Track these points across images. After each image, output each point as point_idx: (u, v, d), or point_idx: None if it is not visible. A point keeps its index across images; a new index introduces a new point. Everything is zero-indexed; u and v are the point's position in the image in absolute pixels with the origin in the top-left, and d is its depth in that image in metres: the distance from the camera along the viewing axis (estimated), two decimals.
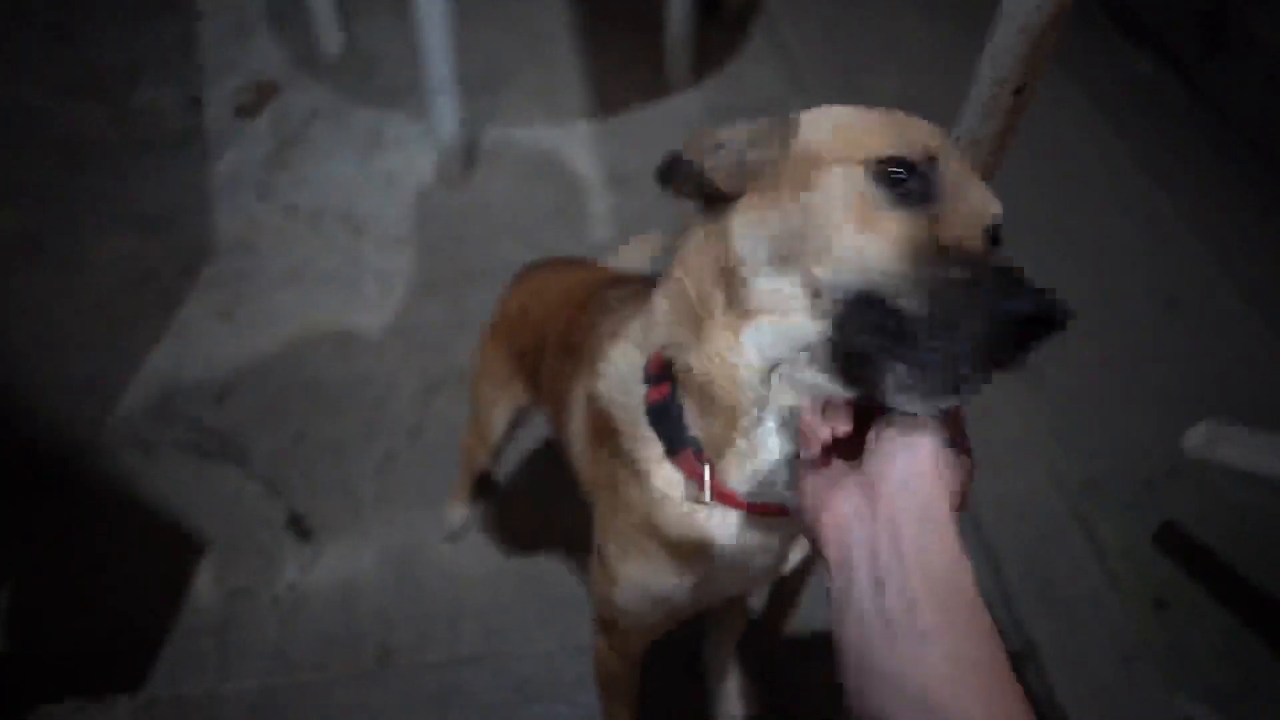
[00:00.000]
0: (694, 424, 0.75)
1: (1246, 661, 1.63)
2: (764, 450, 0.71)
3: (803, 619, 1.64)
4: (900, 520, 0.56)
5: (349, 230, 2.34)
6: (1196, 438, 1.55)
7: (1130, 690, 1.56)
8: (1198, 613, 1.69)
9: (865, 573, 0.56)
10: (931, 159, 0.62)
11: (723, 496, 0.76)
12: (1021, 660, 1.60)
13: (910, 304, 0.56)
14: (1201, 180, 2.60)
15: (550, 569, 1.70)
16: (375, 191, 2.45)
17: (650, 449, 0.80)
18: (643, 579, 0.88)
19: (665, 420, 0.78)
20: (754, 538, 0.80)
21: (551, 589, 1.67)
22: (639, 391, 0.82)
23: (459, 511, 1.73)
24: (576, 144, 2.61)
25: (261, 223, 2.35)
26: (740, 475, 0.73)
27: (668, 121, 2.69)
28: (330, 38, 2.81)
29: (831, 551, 0.58)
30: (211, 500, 1.77)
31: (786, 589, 1.66)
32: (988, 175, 0.75)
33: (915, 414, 0.57)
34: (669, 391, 0.77)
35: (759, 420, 0.70)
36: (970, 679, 0.51)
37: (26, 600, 1.61)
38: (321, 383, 1.99)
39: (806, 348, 0.63)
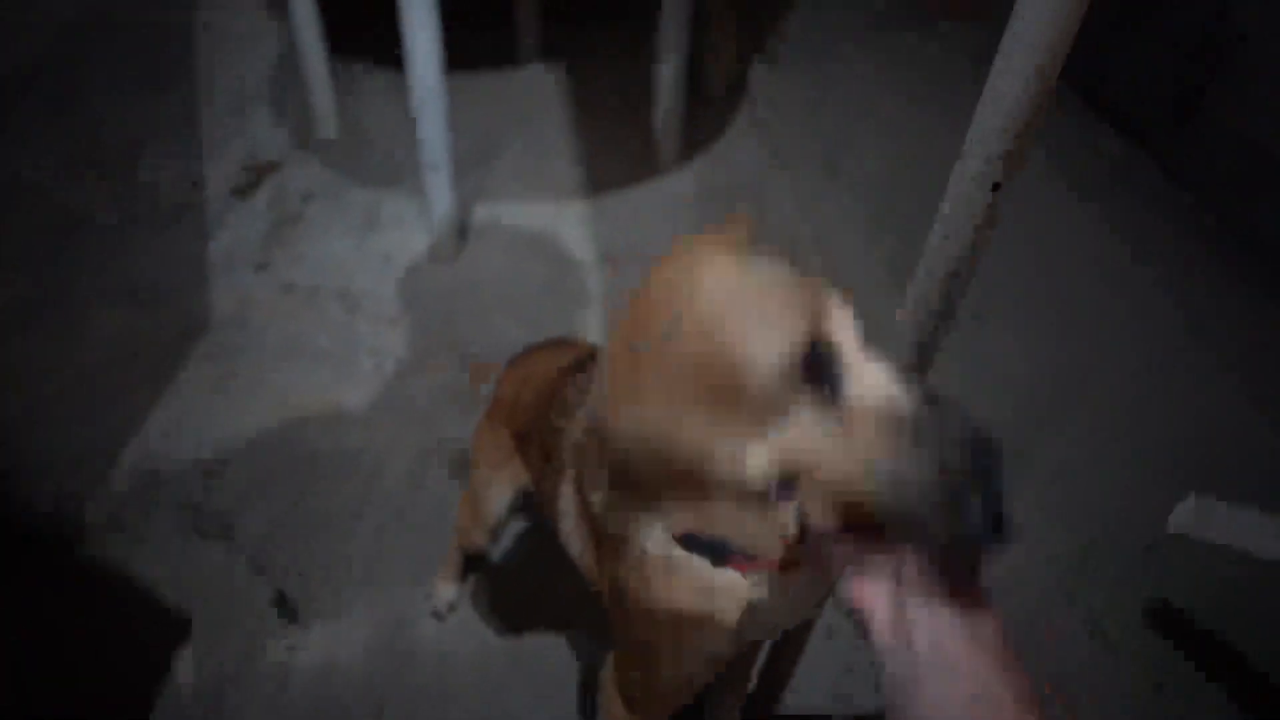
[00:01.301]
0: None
1: None
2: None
3: (791, 705, 1.62)
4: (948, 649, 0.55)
5: (343, 307, 2.37)
6: (1181, 516, 1.57)
7: None
8: (1196, 695, 1.68)
9: (930, 658, 0.54)
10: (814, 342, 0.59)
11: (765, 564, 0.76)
12: None
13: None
14: (1178, 252, 2.67)
15: (544, 646, 1.68)
16: (370, 269, 2.49)
17: (691, 564, 0.80)
18: (696, 665, 0.89)
19: (697, 543, 0.77)
20: (778, 589, 0.80)
21: (545, 667, 1.65)
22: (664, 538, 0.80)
23: (447, 589, 1.72)
24: (567, 222, 2.67)
25: (256, 299, 2.38)
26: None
27: (658, 200, 2.76)
28: (328, 118, 2.88)
29: (885, 636, 0.57)
30: (198, 580, 1.75)
31: (784, 659, 1.64)
32: (967, 268, 0.78)
33: None
34: None
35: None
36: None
37: (8, 677, 1.58)
38: (312, 457, 1.99)
39: None
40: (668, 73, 2.68)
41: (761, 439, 0.55)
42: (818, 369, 0.57)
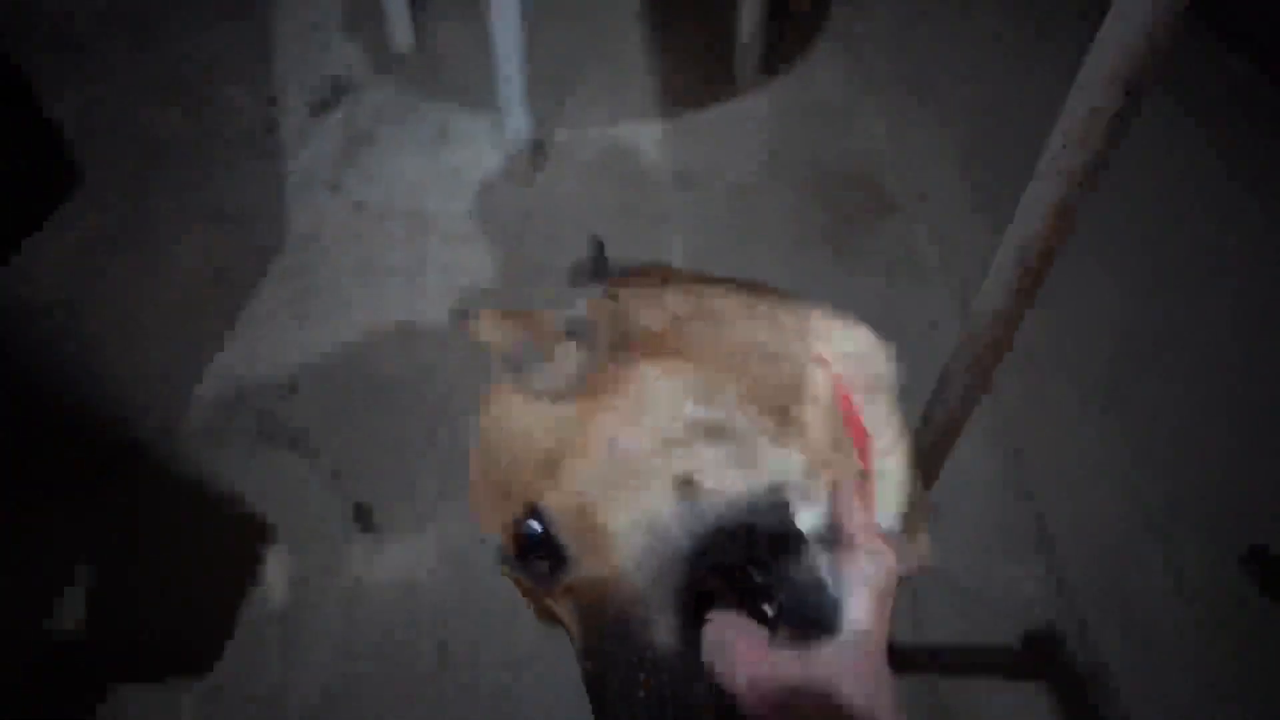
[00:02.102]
0: None
1: None
2: None
3: None
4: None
5: (416, 225, 2.37)
6: None
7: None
8: None
9: None
10: (532, 515, 0.60)
11: None
12: (1092, 683, 1.53)
13: None
14: None
15: None
16: (442, 187, 2.47)
17: None
18: None
19: None
20: None
21: None
22: None
23: None
24: (645, 142, 2.60)
25: (331, 218, 2.39)
26: None
27: (736, 121, 2.66)
28: (402, 36, 2.84)
29: None
30: (279, 491, 1.80)
31: None
32: (1091, 181, 0.71)
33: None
34: None
35: None
36: None
37: (98, 585, 1.66)
38: (387, 377, 2.01)
39: None
40: None
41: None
42: (535, 546, 0.60)
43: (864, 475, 0.67)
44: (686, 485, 0.56)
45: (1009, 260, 0.80)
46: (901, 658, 1.57)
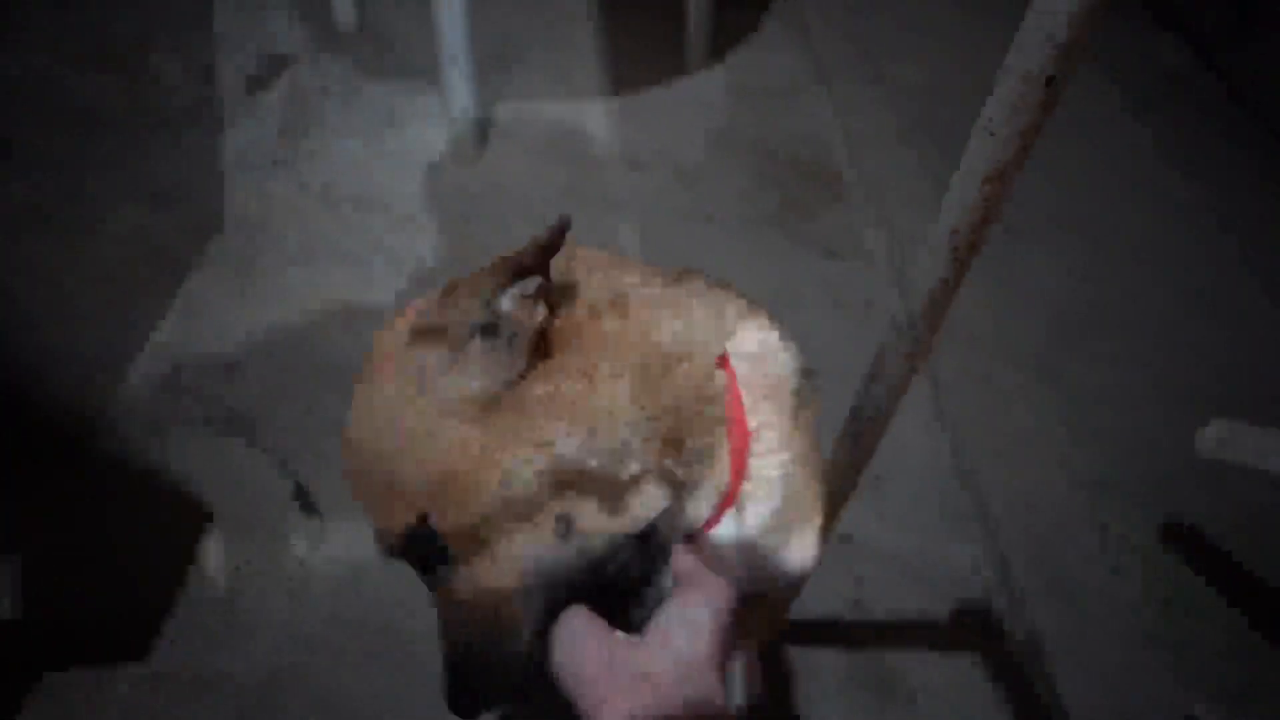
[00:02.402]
0: None
1: (1254, 660, 1.62)
2: None
3: (805, 606, 1.64)
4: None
5: (360, 207, 2.33)
6: (1208, 437, 1.53)
7: (1136, 685, 1.56)
8: (1205, 611, 1.68)
9: None
10: (422, 523, 0.62)
11: None
12: (1026, 653, 1.59)
13: None
14: (1228, 172, 2.56)
15: None
16: (387, 169, 2.44)
17: None
18: None
19: None
20: None
21: None
22: None
23: None
24: (591, 123, 2.59)
25: (273, 198, 2.34)
26: None
27: (685, 102, 2.66)
28: (345, 12, 2.78)
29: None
30: (220, 474, 1.77)
31: None
32: (1014, 169, 0.73)
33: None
34: None
35: None
36: None
37: (33, 569, 1.62)
38: (331, 360, 1.99)
39: None
40: None
41: None
42: (420, 545, 0.63)
43: (734, 478, 0.71)
44: (565, 524, 0.61)
45: (940, 245, 0.83)
46: (843, 632, 1.61)
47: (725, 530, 0.73)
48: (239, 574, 1.64)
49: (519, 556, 0.61)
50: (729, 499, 0.71)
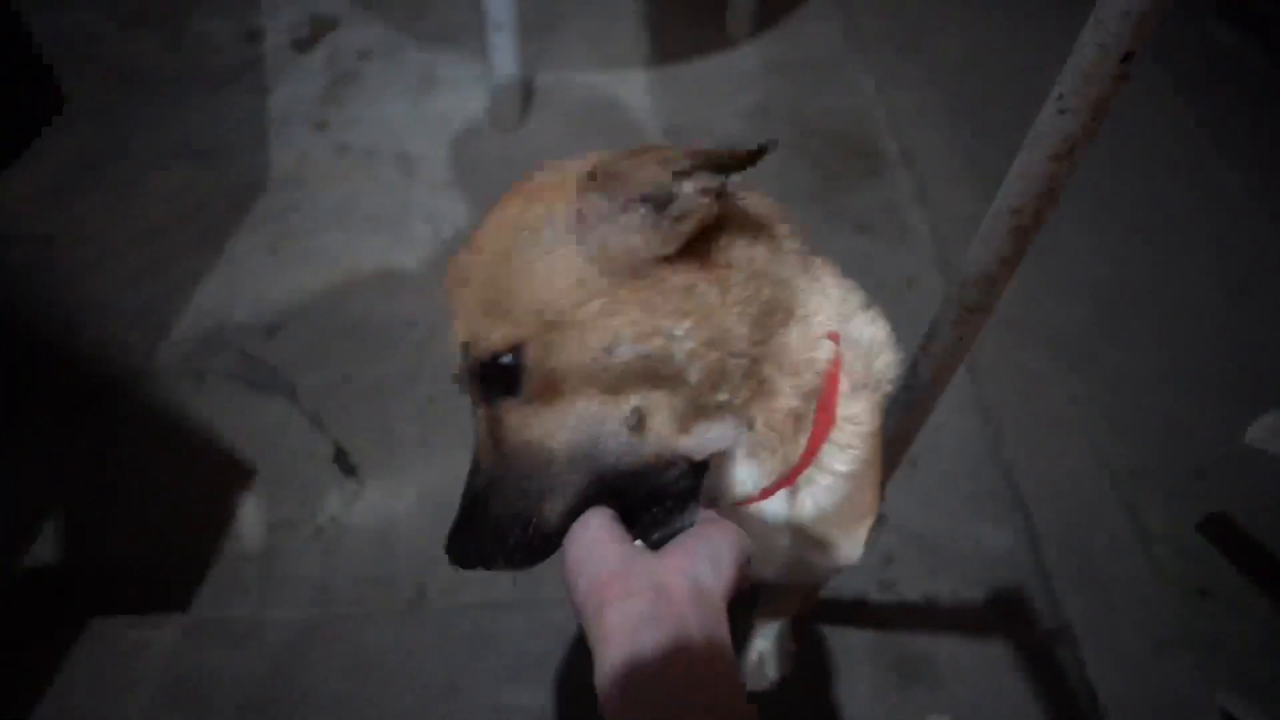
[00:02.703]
0: None
1: None
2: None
3: (835, 584, 1.64)
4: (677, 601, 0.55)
5: (399, 170, 2.34)
6: (1262, 428, 1.51)
7: (1165, 676, 1.55)
8: (1239, 604, 1.66)
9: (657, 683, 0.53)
10: (514, 351, 0.61)
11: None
12: (1055, 639, 1.59)
13: None
14: (1277, 158, 2.50)
15: None
16: (426, 132, 2.44)
17: None
18: None
19: None
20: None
21: None
22: None
23: None
24: (631, 92, 2.57)
25: (313, 159, 2.35)
26: None
27: (725, 74, 2.64)
28: None
29: (614, 651, 0.54)
30: (258, 431, 1.80)
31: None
32: (1084, 145, 0.72)
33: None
34: None
35: None
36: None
37: (77, 518, 1.66)
38: (366, 322, 2.00)
39: None
40: None
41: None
42: (498, 372, 0.61)
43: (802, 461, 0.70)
44: (638, 417, 0.60)
45: (1000, 222, 0.81)
46: (872, 611, 1.61)
47: (775, 507, 0.73)
48: (274, 530, 1.67)
49: (585, 425, 0.60)
50: (791, 477, 0.70)
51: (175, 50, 2.59)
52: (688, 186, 0.57)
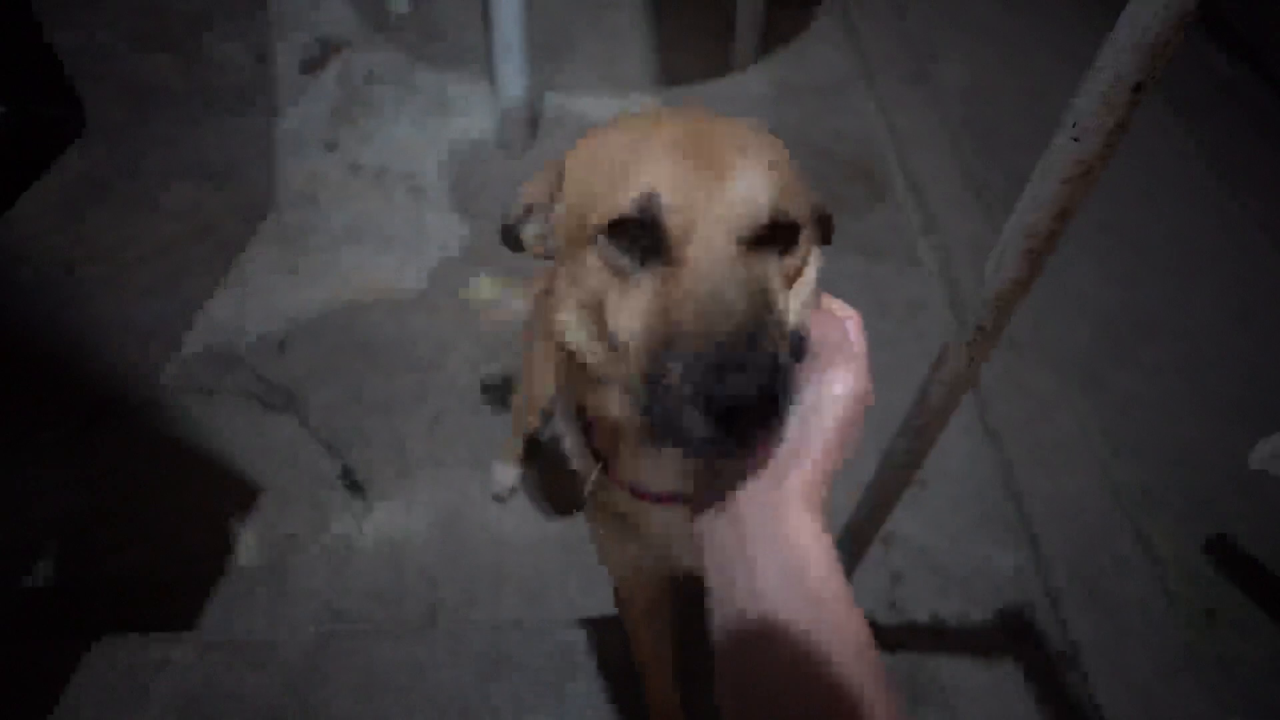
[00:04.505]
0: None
1: None
2: (648, 465, 0.74)
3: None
4: (747, 520, 0.56)
5: (409, 191, 2.36)
6: (1265, 450, 1.52)
7: (1174, 700, 1.55)
8: (1248, 626, 1.67)
9: (715, 575, 0.57)
10: (645, 208, 0.60)
11: (624, 488, 0.78)
12: (1063, 661, 1.58)
13: (639, 397, 0.58)
14: (1278, 185, 2.53)
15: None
16: (435, 153, 2.46)
17: (574, 436, 0.84)
18: (600, 538, 0.99)
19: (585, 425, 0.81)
20: (674, 524, 0.80)
21: (593, 557, 1.67)
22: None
23: (509, 472, 1.75)
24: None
25: (324, 179, 2.37)
26: (634, 476, 0.76)
27: (731, 99, 2.66)
28: None
29: (696, 546, 0.59)
30: (267, 449, 1.81)
31: None
32: (1097, 171, 0.73)
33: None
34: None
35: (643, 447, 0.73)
36: (812, 681, 0.51)
37: (87, 534, 1.66)
38: (376, 341, 2.02)
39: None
40: None
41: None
42: (638, 228, 0.60)
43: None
44: (761, 291, 0.59)
45: (1013, 245, 0.83)
46: (879, 631, 1.61)
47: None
48: (284, 548, 1.67)
49: (723, 291, 0.57)
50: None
51: (188, 71, 2.62)
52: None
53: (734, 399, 0.52)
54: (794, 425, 0.59)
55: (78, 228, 2.17)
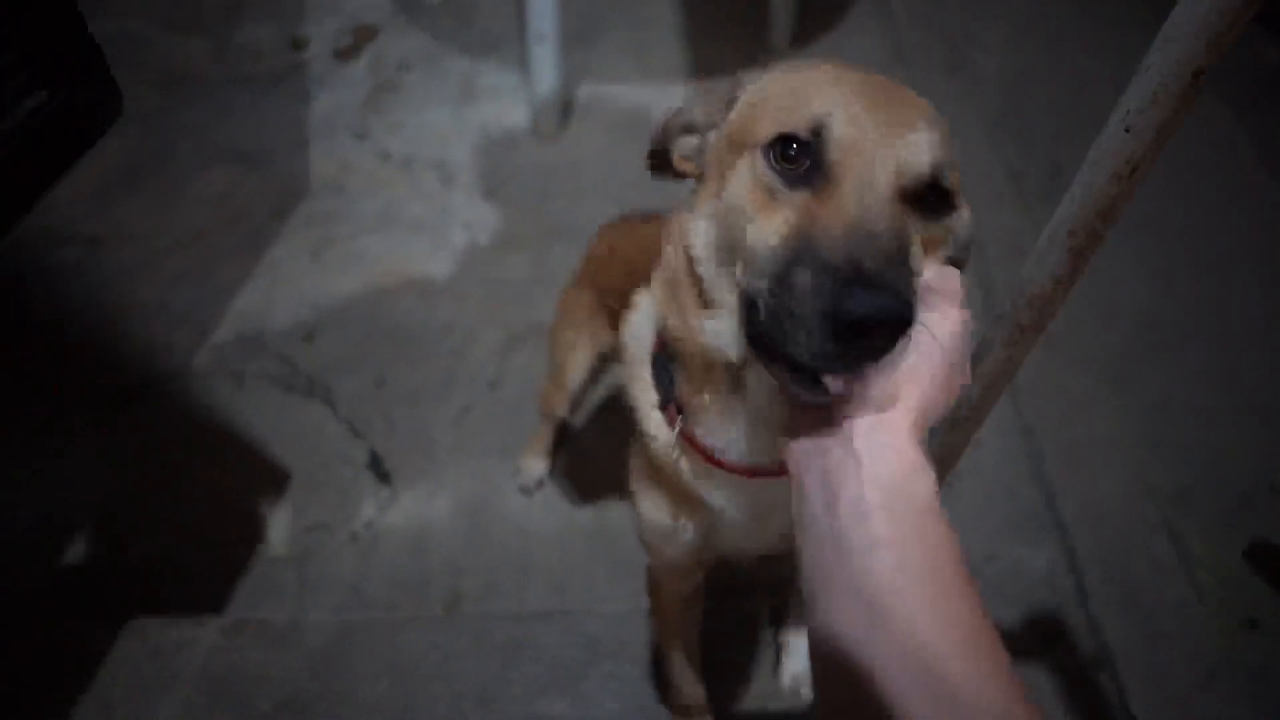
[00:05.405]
0: (681, 382, 0.78)
1: None
2: (734, 418, 0.75)
3: None
4: (855, 433, 0.57)
5: (439, 178, 2.35)
6: None
7: (1210, 707, 1.51)
8: None
9: (818, 490, 0.57)
10: (816, 131, 0.61)
11: (699, 450, 0.78)
12: (1096, 664, 1.55)
13: (766, 307, 0.58)
14: None
15: (619, 528, 1.70)
16: (467, 141, 2.46)
17: (648, 395, 0.84)
18: (648, 515, 0.95)
19: (661, 373, 0.81)
20: (742, 496, 0.82)
21: (619, 549, 1.67)
22: (648, 341, 0.85)
23: (536, 465, 1.74)
24: (672, 105, 2.57)
25: (354, 166, 2.38)
26: (715, 436, 0.77)
27: None
28: None
29: (793, 473, 0.61)
30: (295, 435, 1.81)
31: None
32: (1147, 166, 0.71)
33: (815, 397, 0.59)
34: (663, 347, 0.81)
35: (733, 394, 0.73)
36: (916, 588, 0.52)
37: (116, 516, 1.68)
38: (404, 329, 2.02)
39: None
40: None
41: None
42: (804, 148, 0.62)
43: None
44: (904, 239, 0.60)
45: (1057, 242, 0.80)
46: None
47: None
48: (310, 533, 1.68)
49: (869, 219, 0.57)
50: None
51: (221, 57, 2.64)
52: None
53: (864, 316, 0.52)
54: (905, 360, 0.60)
55: (113, 212, 2.19)
